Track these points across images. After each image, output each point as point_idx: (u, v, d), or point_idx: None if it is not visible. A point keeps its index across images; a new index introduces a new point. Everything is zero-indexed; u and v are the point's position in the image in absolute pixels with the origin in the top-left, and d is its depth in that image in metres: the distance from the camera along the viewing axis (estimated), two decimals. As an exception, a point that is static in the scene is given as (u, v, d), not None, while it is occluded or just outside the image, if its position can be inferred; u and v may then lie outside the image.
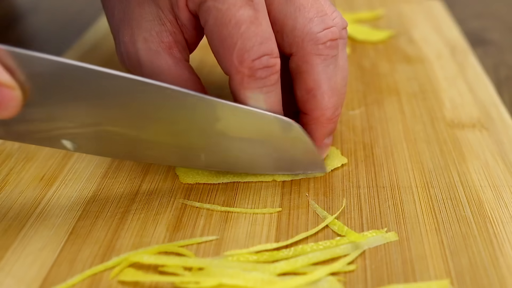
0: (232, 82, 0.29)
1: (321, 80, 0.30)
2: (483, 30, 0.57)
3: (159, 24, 0.30)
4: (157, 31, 0.30)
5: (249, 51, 0.28)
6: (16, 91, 0.25)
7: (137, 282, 0.26)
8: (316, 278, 0.26)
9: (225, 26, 0.28)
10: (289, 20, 0.30)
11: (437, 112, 0.39)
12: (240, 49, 0.28)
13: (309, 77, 0.30)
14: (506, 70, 0.49)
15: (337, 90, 0.31)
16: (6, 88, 0.24)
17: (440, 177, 0.33)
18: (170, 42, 0.30)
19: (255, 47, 0.28)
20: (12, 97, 0.25)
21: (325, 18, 0.30)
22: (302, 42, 0.30)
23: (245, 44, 0.28)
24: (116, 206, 0.31)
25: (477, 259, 0.27)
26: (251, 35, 0.28)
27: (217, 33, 0.28)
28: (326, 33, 0.30)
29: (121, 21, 0.31)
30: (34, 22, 0.62)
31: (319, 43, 0.30)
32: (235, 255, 0.27)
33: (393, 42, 0.51)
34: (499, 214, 0.30)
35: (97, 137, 0.29)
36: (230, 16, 0.28)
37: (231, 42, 0.28)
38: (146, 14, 0.30)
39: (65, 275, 0.26)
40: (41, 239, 0.28)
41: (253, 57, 0.28)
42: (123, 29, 0.31)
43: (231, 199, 0.31)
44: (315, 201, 0.31)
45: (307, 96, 0.31)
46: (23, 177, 0.33)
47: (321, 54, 0.30)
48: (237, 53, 0.28)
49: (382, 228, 0.29)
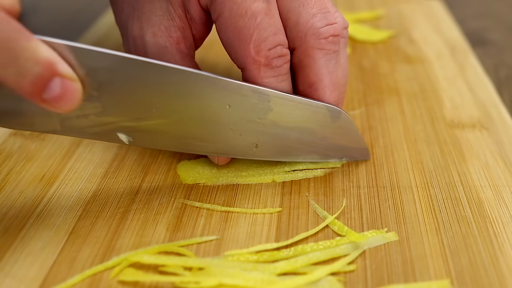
0: (248, 73, 0.30)
1: (323, 74, 0.31)
2: (483, 30, 0.57)
3: (168, 19, 0.31)
4: (166, 26, 0.31)
5: (265, 41, 0.29)
6: (77, 84, 0.25)
7: (137, 282, 0.26)
8: (316, 278, 0.26)
9: (241, 18, 0.29)
10: (292, 15, 0.30)
11: (437, 112, 0.39)
12: (257, 39, 0.29)
13: (311, 71, 0.31)
14: (506, 70, 0.49)
15: (338, 86, 0.32)
16: (68, 80, 0.24)
17: (440, 177, 0.33)
18: (178, 38, 0.31)
19: (270, 37, 0.29)
20: (74, 90, 0.25)
21: (327, 14, 0.31)
22: (305, 36, 0.30)
23: (261, 35, 0.29)
24: (116, 206, 0.31)
25: (477, 259, 0.27)
26: (266, 26, 0.29)
27: (233, 25, 0.29)
28: (328, 28, 0.30)
29: (130, 16, 0.32)
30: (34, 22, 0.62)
31: (322, 37, 0.30)
32: (235, 255, 0.27)
33: (393, 42, 0.51)
34: (499, 214, 0.30)
35: (152, 130, 0.29)
36: (246, 8, 0.28)
37: (248, 33, 0.29)
38: (156, 9, 0.31)
39: (65, 275, 0.26)
40: (41, 239, 0.28)
41: (269, 46, 0.29)
42: (132, 23, 0.32)
43: (231, 199, 0.31)
44: (315, 201, 0.31)
45: (309, 90, 0.31)
46: (23, 177, 0.33)
47: (323, 49, 0.30)
48: (254, 43, 0.29)
49: (382, 228, 0.29)
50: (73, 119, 0.27)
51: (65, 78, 0.24)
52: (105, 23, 0.54)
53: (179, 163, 0.34)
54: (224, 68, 0.45)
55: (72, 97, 0.25)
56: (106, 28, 0.53)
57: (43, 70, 0.24)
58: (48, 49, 0.24)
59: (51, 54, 0.24)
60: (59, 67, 0.24)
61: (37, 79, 0.24)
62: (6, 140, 0.36)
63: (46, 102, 0.24)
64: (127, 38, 0.32)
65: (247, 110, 0.30)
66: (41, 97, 0.24)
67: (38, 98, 0.24)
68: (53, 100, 0.24)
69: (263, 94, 0.29)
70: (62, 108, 0.25)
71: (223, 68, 0.45)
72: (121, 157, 0.35)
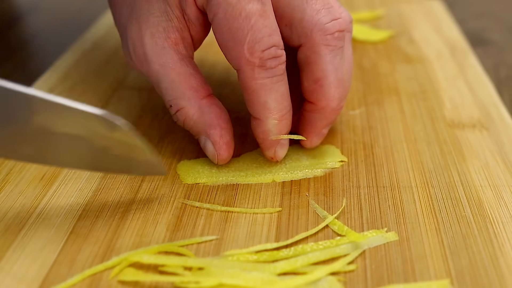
0: (242, 74, 0.30)
1: (329, 70, 0.31)
2: (483, 30, 0.57)
3: (166, 20, 0.31)
4: (164, 27, 0.31)
5: (259, 42, 0.29)
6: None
7: (137, 282, 0.26)
8: (316, 278, 0.26)
9: (236, 19, 0.29)
10: (297, 13, 0.30)
11: (437, 112, 0.39)
12: (251, 41, 0.29)
13: (317, 67, 0.31)
14: (506, 70, 0.49)
15: (343, 81, 0.32)
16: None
17: (440, 177, 0.33)
18: (176, 39, 0.31)
19: (264, 38, 0.29)
20: None
21: (331, 10, 0.31)
22: (311, 32, 0.30)
23: (255, 36, 0.29)
24: (116, 206, 0.31)
25: (477, 259, 0.27)
26: (260, 27, 0.29)
27: (227, 26, 0.29)
28: (334, 23, 0.30)
29: (129, 17, 0.32)
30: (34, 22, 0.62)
31: (328, 33, 0.30)
32: (235, 255, 0.27)
33: (393, 42, 0.51)
34: (499, 214, 0.30)
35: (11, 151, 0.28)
36: (240, 9, 0.29)
37: (242, 34, 0.29)
38: (154, 10, 0.31)
39: (65, 275, 0.26)
40: (41, 239, 0.28)
41: (263, 47, 0.29)
42: (130, 25, 0.32)
43: (231, 199, 0.31)
44: (315, 201, 0.31)
45: (314, 86, 0.31)
46: (23, 176, 0.33)
47: (329, 45, 0.31)
48: (248, 45, 0.29)
49: (382, 228, 0.29)
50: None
51: None
52: (105, 23, 0.54)
53: (179, 163, 0.34)
54: (223, 68, 0.45)
55: None
56: (106, 28, 0.53)
57: None
58: None
59: None
60: None
61: None
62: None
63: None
64: (126, 40, 0.32)
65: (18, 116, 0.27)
66: None
67: None
68: None
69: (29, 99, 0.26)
70: None
71: (222, 68, 0.45)
72: (121, 157, 0.35)
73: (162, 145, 0.36)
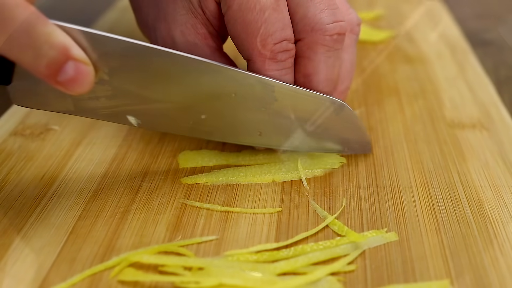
0: (253, 65, 0.31)
1: (320, 68, 0.31)
2: (483, 30, 0.57)
3: (192, 17, 0.32)
4: (192, 24, 0.32)
5: (272, 35, 0.30)
6: (90, 67, 0.26)
7: (137, 282, 0.26)
8: (316, 278, 0.26)
9: (250, 12, 0.29)
10: (300, 8, 0.31)
11: (437, 112, 0.39)
12: (264, 34, 0.29)
13: (310, 63, 0.31)
14: (506, 70, 0.49)
15: (332, 81, 0.32)
16: (82, 64, 0.25)
17: (440, 177, 0.33)
18: (205, 33, 0.32)
19: (277, 32, 0.30)
20: (87, 73, 0.26)
21: (336, 11, 0.31)
22: (311, 30, 0.31)
23: (268, 29, 0.29)
24: (116, 206, 0.31)
25: (477, 259, 0.27)
26: (273, 20, 0.30)
27: (241, 18, 0.30)
28: (335, 25, 0.31)
29: (156, 18, 0.33)
30: (34, 21, 0.62)
31: (327, 34, 0.31)
32: (235, 255, 0.27)
33: (393, 42, 0.51)
34: (499, 214, 0.30)
35: (160, 114, 0.30)
36: (255, 2, 0.29)
37: (255, 26, 0.29)
38: (179, 8, 0.32)
39: (65, 275, 0.26)
40: (41, 238, 0.28)
41: (275, 41, 0.30)
42: (159, 25, 0.33)
43: (231, 199, 0.31)
44: (315, 201, 0.31)
45: (303, 80, 0.32)
46: (23, 176, 0.33)
47: (326, 45, 0.31)
48: (260, 37, 0.30)
49: (382, 228, 0.29)
50: (86, 101, 0.29)
51: (78, 62, 0.25)
52: (105, 23, 0.54)
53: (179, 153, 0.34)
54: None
55: (84, 80, 0.26)
56: (106, 28, 0.53)
57: (58, 54, 0.25)
58: (63, 34, 0.25)
59: (66, 39, 0.25)
60: (73, 51, 0.25)
61: (52, 62, 0.25)
62: (6, 140, 0.36)
63: (61, 84, 0.25)
64: (155, 40, 0.33)
65: (252, 99, 0.31)
66: (56, 79, 0.25)
67: (53, 80, 0.25)
68: (67, 82, 0.25)
69: (268, 84, 0.30)
70: (75, 90, 0.26)
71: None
72: (121, 157, 0.35)
73: (162, 145, 0.36)
